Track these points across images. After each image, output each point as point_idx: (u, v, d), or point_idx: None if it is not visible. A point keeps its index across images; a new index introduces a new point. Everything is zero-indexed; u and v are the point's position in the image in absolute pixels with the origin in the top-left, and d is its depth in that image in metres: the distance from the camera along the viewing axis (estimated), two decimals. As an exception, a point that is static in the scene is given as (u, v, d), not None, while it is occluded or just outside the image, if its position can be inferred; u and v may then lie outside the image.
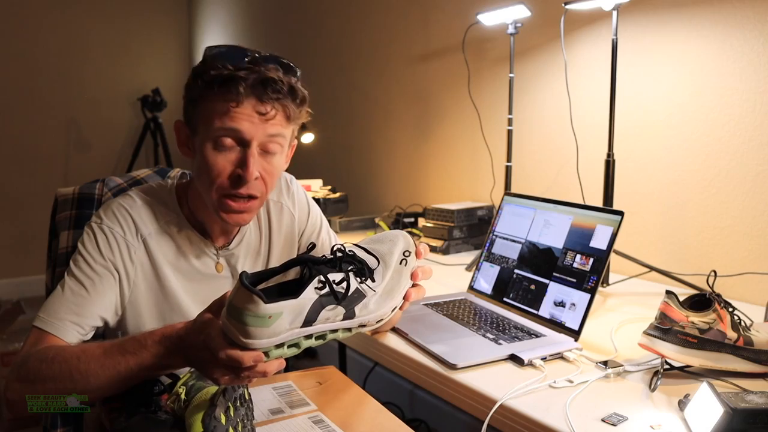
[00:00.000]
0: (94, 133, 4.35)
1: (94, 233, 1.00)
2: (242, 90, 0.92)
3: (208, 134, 0.95)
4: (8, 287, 3.91)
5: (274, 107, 0.95)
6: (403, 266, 0.84)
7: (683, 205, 1.60)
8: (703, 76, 1.54)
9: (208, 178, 0.97)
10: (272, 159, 0.99)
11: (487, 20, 1.86)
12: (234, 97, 0.92)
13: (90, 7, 4.24)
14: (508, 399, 0.93)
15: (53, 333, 0.92)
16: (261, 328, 0.69)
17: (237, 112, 0.93)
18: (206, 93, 0.95)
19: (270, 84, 0.94)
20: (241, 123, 0.94)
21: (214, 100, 0.94)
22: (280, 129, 0.98)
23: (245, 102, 0.93)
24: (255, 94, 0.93)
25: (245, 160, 0.95)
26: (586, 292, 1.21)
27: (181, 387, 0.80)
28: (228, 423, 0.74)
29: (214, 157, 0.95)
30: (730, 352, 0.97)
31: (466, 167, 2.36)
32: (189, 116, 1.00)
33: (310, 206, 1.22)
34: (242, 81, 0.92)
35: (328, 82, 3.26)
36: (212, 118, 0.94)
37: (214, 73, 0.94)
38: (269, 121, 0.95)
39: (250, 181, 0.95)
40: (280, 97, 0.95)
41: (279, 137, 0.98)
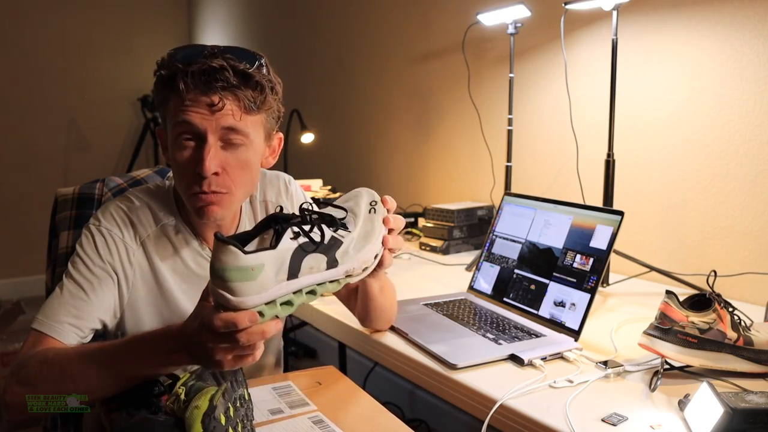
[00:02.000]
0: (94, 133, 4.35)
1: (93, 235, 1.00)
2: (185, 84, 0.91)
3: (172, 133, 0.96)
4: (8, 287, 3.91)
5: (221, 97, 0.92)
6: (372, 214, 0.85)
7: (683, 205, 1.60)
8: (703, 76, 1.54)
9: (178, 178, 0.98)
10: (237, 152, 0.96)
11: (487, 20, 1.87)
12: (180, 92, 0.92)
13: (90, 7, 4.25)
14: (508, 399, 0.93)
15: (52, 335, 0.92)
16: (247, 282, 0.68)
17: (186, 106, 0.92)
18: (161, 93, 0.96)
19: (213, 74, 0.91)
20: (192, 116, 0.92)
21: (167, 99, 0.95)
22: (234, 121, 0.94)
23: (191, 94, 0.92)
24: (198, 86, 0.91)
25: (201, 155, 0.93)
26: (586, 292, 1.21)
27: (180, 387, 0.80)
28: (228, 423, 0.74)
29: (179, 155, 0.95)
30: (730, 352, 0.97)
31: (466, 167, 2.36)
32: (161, 120, 1.02)
33: None
34: (184, 74, 0.91)
35: (328, 82, 3.26)
36: (171, 115, 0.95)
37: (163, 72, 0.94)
38: (220, 113, 0.93)
39: (207, 176, 0.93)
40: (227, 86, 0.92)
41: (236, 131, 0.95)
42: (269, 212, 1.15)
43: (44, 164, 4.17)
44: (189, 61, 0.92)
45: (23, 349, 0.91)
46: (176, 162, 0.96)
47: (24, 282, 3.90)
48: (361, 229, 0.82)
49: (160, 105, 0.98)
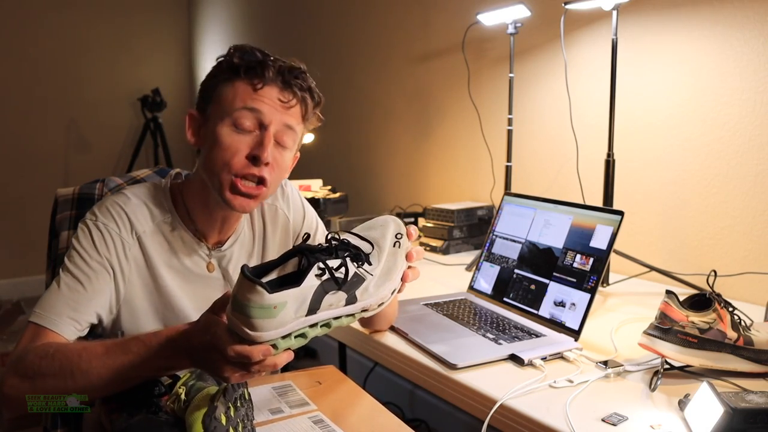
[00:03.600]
0: (94, 133, 4.35)
1: (89, 229, 1.00)
2: (269, 74, 0.96)
3: (229, 115, 0.96)
4: (8, 287, 3.91)
5: (295, 96, 0.98)
6: (397, 248, 0.85)
7: (683, 205, 1.60)
8: (703, 76, 1.54)
9: (223, 159, 0.97)
10: (283, 152, 1.00)
11: (487, 20, 1.87)
12: (260, 79, 0.96)
13: (90, 7, 4.24)
14: (508, 399, 0.93)
15: (51, 328, 0.91)
16: (267, 320, 0.70)
17: (260, 95, 0.96)
18: (231, 76, 0.98)
19: (295, 73, 0.98)
20: (262, 105, 0.96)
21: (237, 83, 0.97)
22: (295, 122, 1.00)
23: (270, 85, 0.97)
24: (281, 80, 0.97)
25: (263, 141, 0.96)
26: (586, 292, 1.21)
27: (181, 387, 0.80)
28: (228, 423, 0.74)
29: (231, 138, 0.96)
30: (730, 352, 0.97)
31: (466, 167, 2.36)
32: (206, 103, 1.01)
33: (305, 209, 1.22)
34: (270, 65, 0.96)
35: (328, 82, 3.26)
36: (234, 99, 0.97)
37: (241, 59, 0.97)
38: (289, 110, 0.98)
39: (263, 162, 0.96)
40: (303, 88, 0.99)
41: (293, 131, 1.00)
42: (265, 216, 1.15)
43: (44, 164, 4.17)
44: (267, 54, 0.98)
45: (21, 342, 0.91)
46: (226, 143, 0.96)
47: (24, 282, 3.90)
48: (384, 265, 0.83)
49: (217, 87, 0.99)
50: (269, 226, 1.15)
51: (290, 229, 1.18)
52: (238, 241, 1.11)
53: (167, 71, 4.50)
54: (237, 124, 0.96)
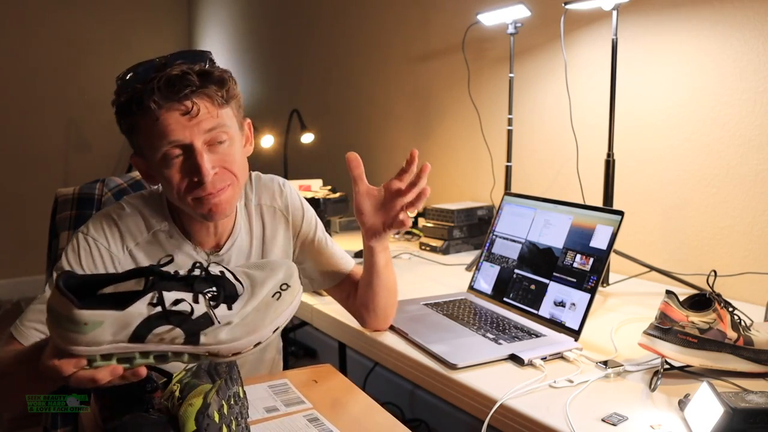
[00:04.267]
0: (94, 133, 4.35)
1: (78, 244, 1.01)
2: (154, 102, 0.90)
3: (154, 156, 0.95)
4: (8, 287, 3.91)
5: (194, 102, 0.92)
6: (275, 300, 0.75)
7: (683, 205, 1.60)
8: (703, 76, 1.54)
9: (174, 192, 0.97)
10: (224, 148, 0.97)
11: (487, 20, 1.86)
12: (152, 112, 0.91)
13: (90, 7, 4.25)
14: (508, 399, 0.92)
15: (17, 338, 0.93)
16: (77, 335, 0.66)
17: (162, 125, 0.91)
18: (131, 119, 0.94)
19: (177, 81, 0.90)
20: (173, 133, 0.92)
21: (139, 122, 0.94)
22: (213, 121, 0.94)
23: (164, 110, 0.91)
24: (168, 99, 0.91)
25: (195, 165, 0.93)
26: (586, 292, 1.21)
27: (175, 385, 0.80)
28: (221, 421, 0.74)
29: (169, 173, 0.95)
30: (730, 352, 0.97)
31: (466, 167, 2.35)
32: (135, 148, 1.00)
33: (305, 208, 1.22)
34: (150, 93, 0.90)
35: (328, 82, 3.26)
36: (147, 140, 0.94)
37: (123, 99, 0.93)
38: (197, 117, 0.93)
39: (207, 181, 0.94)
40: (195, 89, 0.92)
41: (219, 128, 0.95)
42: (264, 218, 1.15)
43: (44, 164, 4.17)
44: (146, 79, 0.91)
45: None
46: (169, 180, 0.96)
47: (24, 282, 3.90)
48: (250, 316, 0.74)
49: (130, 132, 0.97)
50: (269, 227, 1.15)
51: (290, 229, 1.18)
52: (236, 245, 1.10)
53: (167, 71, 4.50)
54: (166, 160, 0.94)
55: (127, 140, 1.00)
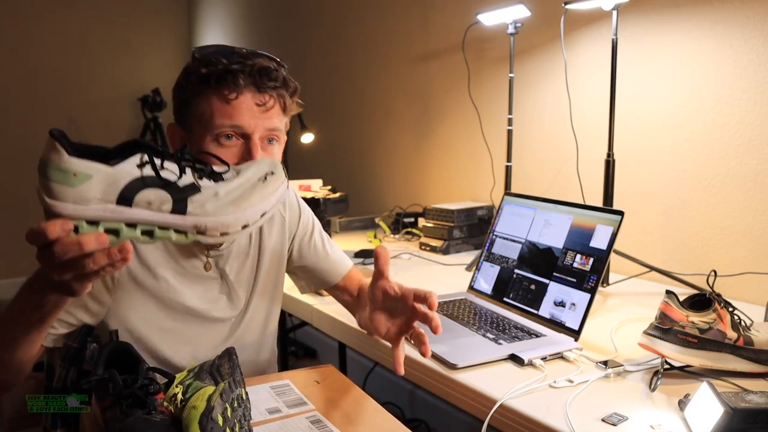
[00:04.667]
0: (94, 133, 4.34)
1: None
2: (241, 81, 0.93)
3: (209, 131, 0.95)
4: (8, 287, 3.91)
5: (272, 97, 0.96)
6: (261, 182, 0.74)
7: (683, 205, 1.60)
8: (703, 76, 1.54)
9: None
10: (272, 149, 1.00)
11: (487, 20, 1.86)
12: (233, 88, 0.93)
13: (90, 7, 4.25)
14: (508, 399, 0.92)
15: None
16: (64, 186, 0.64)
17: (236, 106, 0.93)
18: (202, 89, 0.95)
19: (267, 73, 0.95)
20: (241, 118, 0.94)
21: (210, 96, 0.94)
22: (277, 122, 0.98)
23: (244, 93, 0.94)
24: (253, 85, 0.94)
25: (249, 151, 0.95)
26: (586, 292, 1.21)
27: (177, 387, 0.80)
28: (225, 424, 0.74)
29: (217, 152, 0.94)
30: (730, 352, 0.97)
31: (466, 167, 2.35)
32: (184, 117, 0.99)
33: (301, 208, 1.22)
34: (239, 72, 0.93)
35: (328, 82, 3.26)
36: (211, 115, 0.94)
37: (209, 68, 0.94)
38: (268, 112, 0.96)
39: None
40: (277, 86, 0.96)
41: (276, 130, 0.99)
42: None
43: (44, 164, 4.17)
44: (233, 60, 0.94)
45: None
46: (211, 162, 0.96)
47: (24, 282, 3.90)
48: (235, 191, 0.72)
49: (188, 101, 0.97)
50: (265, 226, 1.15)
51: (286, 228, 1.18)
52: (235, 242, 1.11)
53: (167, 71, 4.49)
54: (219, 139, 0.95)
55: (175, 109, 1.00)
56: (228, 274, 1.10)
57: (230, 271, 1.10)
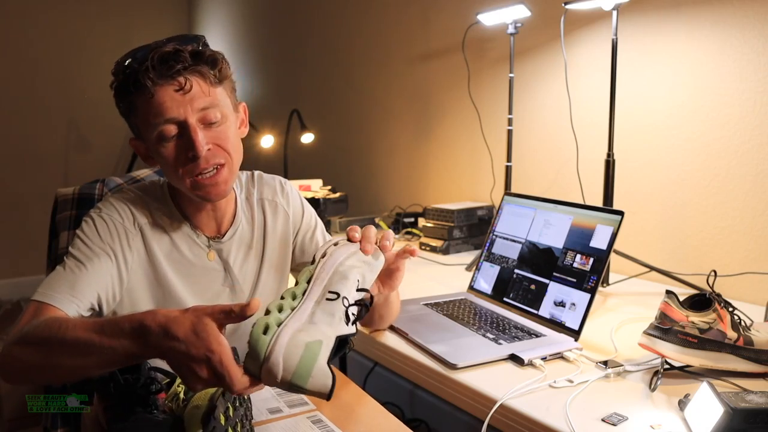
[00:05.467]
0: (94, 133, 4.34)
1: (93, 220, 1.02)
2: (150, 79, 0.93)
3: (150, 135, 0.97)
4: (8, 287, 3.91)
5: (186, 79, 0.95)
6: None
7: (683, 205, 1.60)
8: (703, 76, 1.54)
9: (172, 171, 0.99)
10: (217, 129, 0.99)
11: (487, 20, 1.86)
12: (147, 89, 0.93)
13: (90, 6, 4.24)
14: (508, 399, 0.93)
15: (52, 303, 0.91)
16: None
17: (158, 102, 0.94)
18: (127, 99, 0.97)
19: (169, 58, 0.93)
20: (167, 110, 0.95)
21: (136, 102, 0.96)
22: (206, 99, 0.97)
23: (159, 87, 0.94)
24: (162, 75, 0.94)
25: (190, 141, 0.96)
26: (586, 292, 1.21)
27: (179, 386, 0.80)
28: (227, 423, 0.74)
29: (165, 149, 0.97)
30: (730, 352, 0.97)
31: (466, 167, 2.35)
32: (133, 129, 1.03)
33: (304, 207, 1.23)
34: (145, 71, 0.93)
35: (328, 82, 3.26)
36: (144, 119, 0.96)
37: (120, 79, 0.96)
38: (190, 94, 0.95)
39: (202, 155, 0.96)
40: (187, 65, 0.95)
41: (212, 108, 0.98)
42: (266, 210, 1.16)
43: (44, 164, 4.16)
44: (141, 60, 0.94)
45: (22, 320, 0.89)
46: (166, 158, 0.98)
47: (24, 282, 3.90)
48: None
49: (128, 114, 1.00)
50: (270, 219, 1.16)
51: (290, 224, 1.19)
52: (237, 234, 1.12)
53: (167, 71, 4.50)
54: (161, 138, 0.96)
55: (126, 123, 1.02)
56: (232, 266, 1.10)
57: (234, 262, 1.11)
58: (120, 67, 0.97)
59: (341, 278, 0.78)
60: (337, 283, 0.78)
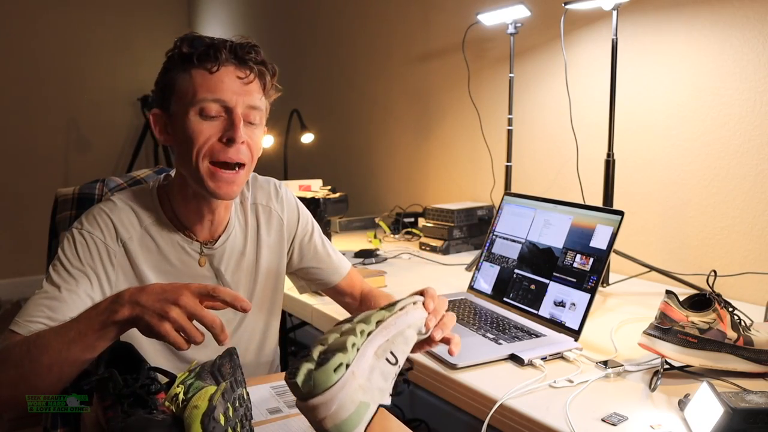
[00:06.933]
0: (94, 133, 4.35)
1: (74, 238, 1.00)
2: (223, 55, 0.95)
3: (192, 105, 0.96)
4: (8, 287, 3.91)
5: (252, 72, 0.98)
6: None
7: (683, 205, 1.60)
8: (703, 76, 1.54)
9: (196, 147, 0.97)
10: (254, 130, 1.01)
11: (487, 20, 1.87)
12: (214, 62, 0.95)
13: (90, 6, 4.24)
14: (508, 399, 0.93)
15: (24, 334, 0.88)
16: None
17: (218, 78, 0.96)
18: (185, 67, 0.97)
19: (247, 48, 0.97)
20: (223, 91, 0.96)
21: (193, 72, 0.97)
22: (258, 100, 1.00)
23: (225, 66, 0.96)
24: (235, 58, 0.97)
25: (233, 122, 0.96)
26: (586, 292, 1.21)
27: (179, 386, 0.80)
28: (227, 424, 0.74)
29: (201, 125, 0.96)
30: (730, 352, 0.97)
31: (466, 167, 2.35)
32: (166, 99, 1.00)
33: (300, 211, 1.22)
34: (221, 46, 0.96)
35: (328, 82, 3.26)
36: (194, 90, 0.96)
37: (191, 47, 0.97)
38: (249, 86, 0.98)
39: (238, 142, 0.97)
40: (257, 61, 0.99)
41: (258, 110, 1.00)
42: (259, 216, 1.16)
43: (44, 164, 4.17)
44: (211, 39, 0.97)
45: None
46: (195, 133, 0.96)
47: (24, 282, 3.90)
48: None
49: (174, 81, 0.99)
50: (263, 226, 1.15)
51: (284, 230, 1.18)
52: (230, 240, 1.10)
53: (167, 71, 4.50)
54: (203, 113, 0.96)
55: (157, 95, 1.02)
56: (224, 272, 1.09)
57: (225, 269, 1.10)
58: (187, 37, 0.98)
59: (403, 342, 0.79)
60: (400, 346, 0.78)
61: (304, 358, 0.72)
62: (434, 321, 0.84)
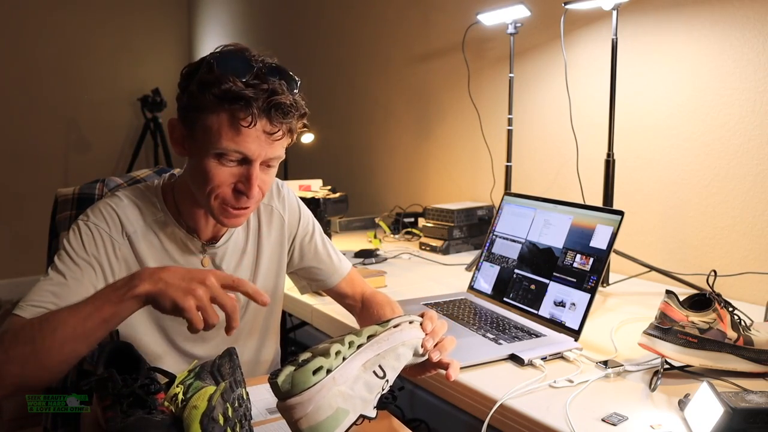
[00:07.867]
0: (94, 133, 4.35)
1: (80, 229, 1.00)
2: (255, 111, 0.91)
3: (213, 148, 0.94)
4: (8, 287, 3.91)
5: (281, 129, 0.95)
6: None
7: (683, 205, 1.60)
8: (703, 76, 1.54)
9: (209, 187, 0.96)
10: (269, 171, 1.00)
11: (487, 20, 1.86)
12: (246, 117, 0.91)
13: (90, 7, 4.24)
14: (508, 399, 0.93)
15: (23, 317, 0.88)
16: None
17: (246, 133, 0.92)
18: (214, 106, 0.92)
19: (281, 108, 0.93)
20: (248, 145, 0.93)
21: (221, 114, 0.92)
22: (281, 150, 0.98)
23: (256, 123, 0.92)
24: (266, 117, 0.93)
25: (249, 177, 0.95)
26: (586, 292, 1.21)
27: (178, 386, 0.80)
28: (226, 424, 0.74)
29: (216, 169, 0.95)
30: (730, 352, 0.97)
31: (466, 167, 2.35)
32: (190, 120, 0.97)
33: (301, 210, 1.22)
34: (254, 102, 0.91)
35: (328, 82, 3.26)
36: (219, 134, 0.93)
37: (224, 87, 0.91)
38: (275, 142, 0.96)
39: (251, 196, 0.96)
40: (288, 118, 0.96)
41: (277, 158, 0.99)
42: (261, 215, 1.16)
43: (44, 164, 4.17)
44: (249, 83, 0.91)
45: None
46: (210, 173, 0.95)
47: (24, 282, 3.89)
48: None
49: (200, 110, 0.94)
50: (264, 225, 1.16)
51: (285, 229, 1.19)
52: (232, 239, 1.11)
53: (167, 71, 4.49)
54: (222, 159, 0.94)
55: (182, 106, 0.98)
56: (225, 271, 1.10)
57: (227, 268, 1.10)
58: (219, 68, 0.92)
59: (395, 359, 0.79)
60: (390, 361, 0.78)
61: (290, 362, 0.73)
62: (431, 342, 0.85)
